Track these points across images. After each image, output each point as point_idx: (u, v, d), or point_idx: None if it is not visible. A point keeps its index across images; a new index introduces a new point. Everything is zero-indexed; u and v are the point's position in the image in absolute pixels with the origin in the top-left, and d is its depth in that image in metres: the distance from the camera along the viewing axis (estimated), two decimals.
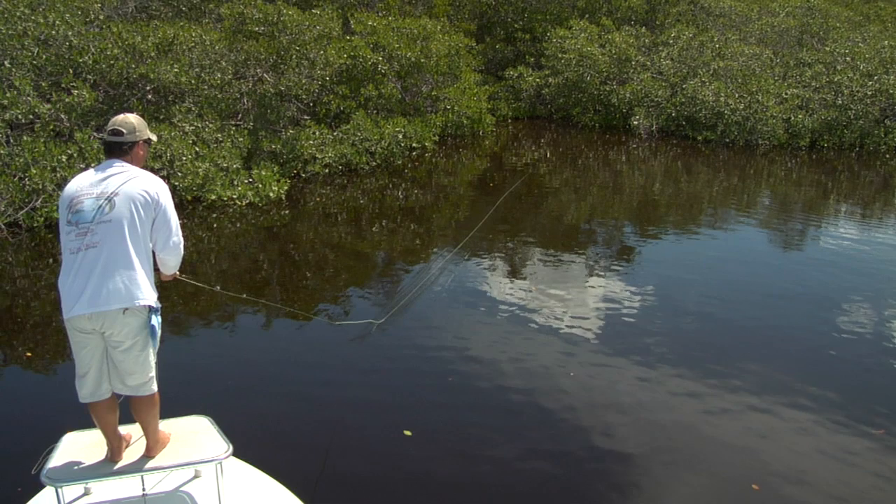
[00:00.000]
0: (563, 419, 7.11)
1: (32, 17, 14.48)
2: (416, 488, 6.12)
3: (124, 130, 4.48)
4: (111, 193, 4.30)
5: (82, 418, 4.86)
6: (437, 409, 7.34)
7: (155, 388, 4.56)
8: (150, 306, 4.35)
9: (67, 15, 15.14)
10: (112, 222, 4.26)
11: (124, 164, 4.46)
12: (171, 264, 4.69)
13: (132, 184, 4.35)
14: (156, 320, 4.38)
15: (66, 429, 4.90)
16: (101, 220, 4.26)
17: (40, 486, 4.57)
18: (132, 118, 4.56)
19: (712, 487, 6.14)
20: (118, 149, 4.49)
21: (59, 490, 4.31)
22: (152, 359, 4.50)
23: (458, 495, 6.04)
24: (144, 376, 4.47)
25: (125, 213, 4.28)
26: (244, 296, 7.82)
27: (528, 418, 7.12)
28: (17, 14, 14.21)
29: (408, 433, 6.77)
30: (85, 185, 4.36)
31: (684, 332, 9.20)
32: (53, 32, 14.59)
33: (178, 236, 4.55)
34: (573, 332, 9.00)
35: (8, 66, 13.76)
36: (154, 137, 4.76)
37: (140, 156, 4.58)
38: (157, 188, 4.43)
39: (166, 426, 4.78)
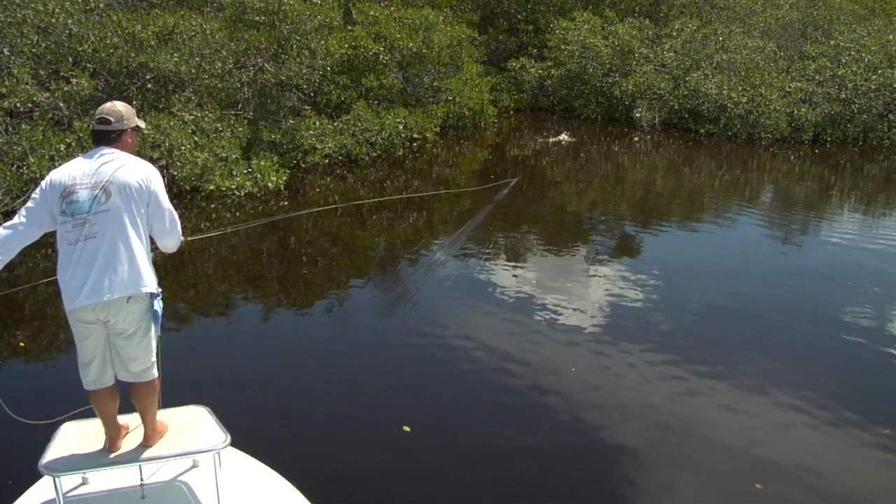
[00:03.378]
0: (566, 415, 7.04)
1: (32, 5, 14.40)
2: (412, 482, 6.07)
3: (112, 119, 4.41)
4: (106, 182, 4.25)
5: (78, 408, 4.81)
6: (437, 404, 7.30)
7: (156, 373, 4.56)
8: (152, 292, 4.34)
9: (67, 3, 15.06)
10: (109, 212, 4.22)
11: (114, 150, 4.40)
12: (170, 245, 4.62)
13: (124, 171, 4.29)
14: (158, 305, 4.38)
15: (63, 419, 4.85)
16: (97, 210, 4.22)
17: (38, 476, 4.53)
18: (119, 106, 4.49)
19: (716, 486, 6.07)
20: (106, 137, 4.42)
21: (57, 479, 4.30)
22: (154, 344, 4.50)
23: (453, 491, 5.99)
24: (147, 362, 4.47)
25: (121, 201, 4.24)
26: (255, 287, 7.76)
27: (529, 414, 7.05)
28: (17, 2, 14.14)
29: (406, 429, 6.70)
30: (78, 174, 4.30)
31: (688, 327, 9.13)
32: (53, 20, 14.52)
33: (173, 219, 4.48)
34: (575, 327, 8.93)
35: (7, 53, 13.70)
36: (142, 125, 4.69)
37: (129, 143, 4.51)
38: (149, 174, 4.37)
39: (164, 416, 4.76)
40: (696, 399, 7.34)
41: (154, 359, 4.51)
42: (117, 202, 4.23)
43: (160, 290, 4.43)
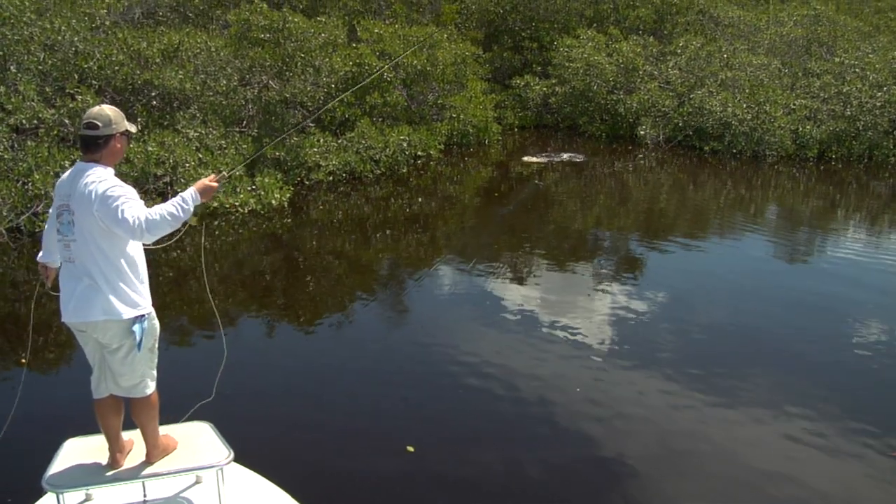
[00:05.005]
0: (572, 434, 6.99)
1: (39, 23, 14.48)
2: (414, 499, 6.06)
3: (99, 123, 4.29)
4: (72, 212, 4.25)
5: (82, 425, 4.81)
6: (441, 424, 7.22)
7: (148, 391, 4.54)
8: (130, 317, 4.32)
9: (74, 20, 15.14)
10: (78, 241, 4.25)
11: (89, 170, 4.26)
12: (166, 233, 4.30)
13: (80, 200, 4.21)
14: (138, 328, 4.33)
15: (65, 435, 4.86)
16: (72, 238, 4.27)
17: (41, 493, 4.54)
18: (108, 109, 4.38)
19: None
20: (93, 143, 4.31)
21: (60, 496, 4.34)
22: (144, 362, 4.48)
23: None
24: (134, 378, 4.47)
25: (85, 230, 4.23)
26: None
27: (535, 436, 6.99)
28: (24, 19, 14.20)
29: (410, 449, 6.65)
30: (63, 194, 4.34)
31: (693, 346, 9.07)
32: (59, 38, 14.59)
33: (133, 226, 4.13)
34: (581, 345, 8.88)
35: (14, 71, 13.75)
36: (133, 129, 4.52)
37: (117, 149, 4.40)
38: (95, 194, 4.17)
39: (167, 432, 4.75)
40: (702, 418, 7.28)
41: (146, 377, 4.51)
42: (82, 232, 4.23)
43: (146, 311, 4.38)
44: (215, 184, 4.58)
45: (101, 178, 4.22)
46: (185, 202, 4.34)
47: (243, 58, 17.31)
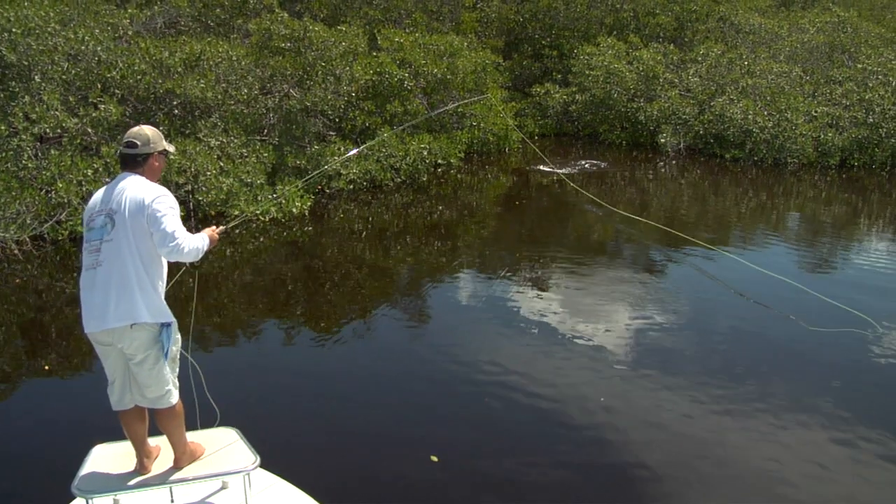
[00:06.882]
0: (596, 443, 6.97)
1: (63, 33, 14.58)
2: None
3: (138, 142, 4.49)
4: (112, 211, 4.33)
5: (109, 431, 4.83)
6: (465, 434, 7.18)
7: (173, 400, 4.58)
8: (159, 322, 4.38)
9: (97, 31, 15.26)
10: (113, 241, 4.31)
11: (134, 177, 4.46)
12: (185, 260, 4.47)
13: (129, 199, 4.33)
14: (165, 335, 4.39)
15: (93, 441, 4.89)
16: (105, 239, 4.32)
17: (70, 498, 4.59)
18: (147, 130, 4.57)
19: None
20: (132, 161, 4.50)
21: (90, 501, 4.40)
22: (168, 372, 4.51)
23: None
24: (161, 389, 4.50)
25: (124, 231, 4.30)
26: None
27: (559, 443, 6.98)
28: (48, 30, 14.31)
29: (435, 459, 6.62)
30: (98, 201, 4.45)
31: (714, 353, 9.00)
32: (83, 48, 14.69)
33: (175, 241, 4.29)
34: (603, 354, 8.84)
35: (38, 80, 13.85)
36: (171, 149, 4.74)
37: (155, 167, 4.59)
38: (149, 195, 4.35)
39: (194, 438, 4.78)
40: (725, 427, 7.22)
41: (169, 386, 4.55)
42: (119, 233, 4.30)
43: (171, 320, 4.45)
44: (217, 235, 4.81)
45: (150, 185, 4.43)
46: (204, 243, 4.56)
47: (264, 67, 17.38)
